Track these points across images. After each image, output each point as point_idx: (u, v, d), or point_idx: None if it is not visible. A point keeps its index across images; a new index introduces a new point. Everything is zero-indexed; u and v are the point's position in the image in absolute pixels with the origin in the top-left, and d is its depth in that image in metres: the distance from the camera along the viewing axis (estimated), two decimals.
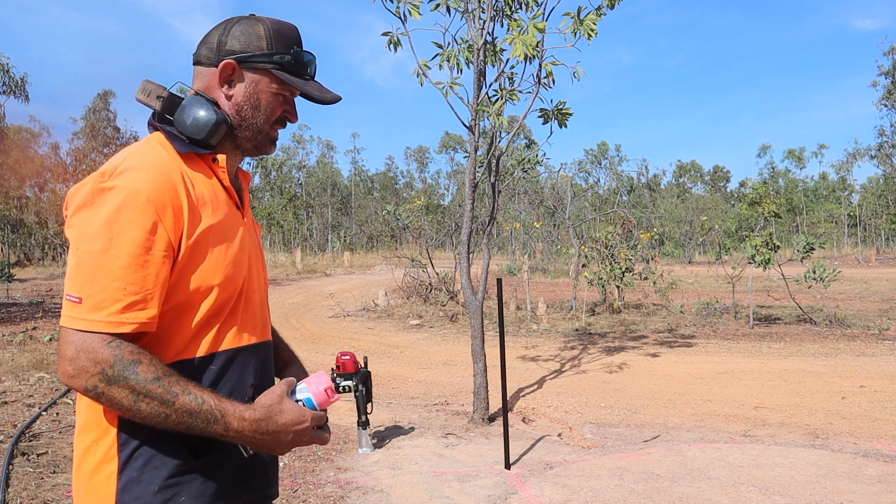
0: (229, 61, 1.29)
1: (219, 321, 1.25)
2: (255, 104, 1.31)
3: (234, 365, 1.27)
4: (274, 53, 1.30)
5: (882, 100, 44.90)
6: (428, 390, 7.17)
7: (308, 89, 1.33)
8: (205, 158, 1.30)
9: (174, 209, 1.16)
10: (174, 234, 1.16)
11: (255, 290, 1.35)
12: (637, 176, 62.98)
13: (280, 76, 1.30)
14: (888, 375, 7.29)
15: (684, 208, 44.88)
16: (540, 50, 5.26)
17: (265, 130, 1.33)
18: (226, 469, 1.25)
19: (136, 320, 1.13)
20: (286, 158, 59.84)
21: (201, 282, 1.21)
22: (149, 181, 1.15)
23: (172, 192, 1.17)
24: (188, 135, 1.26)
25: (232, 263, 1.26)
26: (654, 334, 11.10)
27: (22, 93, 23.77)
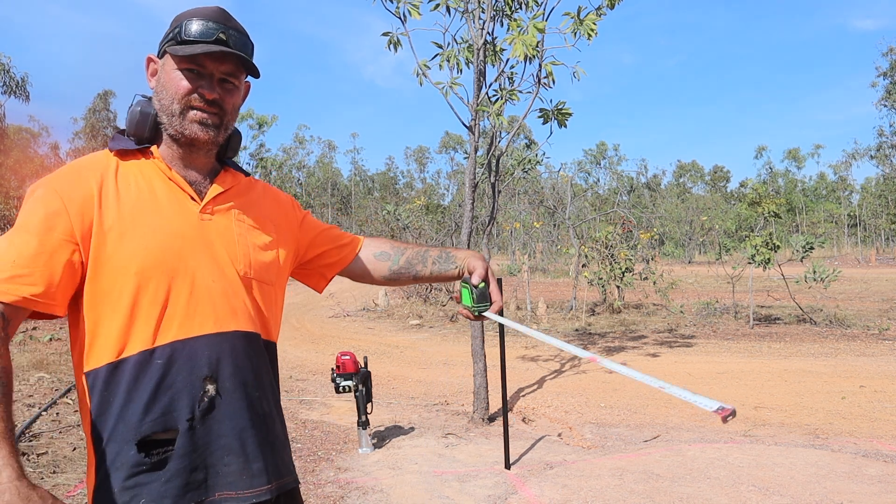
0: (148, 56, 1.37)
1: (153, 313, 1.22)
2: (163, 87, 1.32)
3: (182, 357, 1.23)
4: (169, 32, 1.32)
5: (881, 100, 44.91)
6: (428, 390, 7.17)
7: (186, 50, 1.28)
8: (144, 152, 1.33)
9: (83, 199, 1.22)
10: (81, 223, 1.20)
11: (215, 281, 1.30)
12: (637, 176, 62.97)
13: (172, 51, 1.30)
14: (888, 375, 7.29)
15: (684, 208, 44.88)
16: (540, 50, 5.26)
17: (175, 110, 1.30)
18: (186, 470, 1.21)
19: (17, 293, 1.13)
20: (286, 158, 59.88)
21: (117, 269, 1.21)
22: (61, 176, 1.25)
23: (83, 184, 1.24)
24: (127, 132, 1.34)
25: (156, 251, 1.24)
26: (654, 334, 11.10)
27: (22, 93, 23.80)
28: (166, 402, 1.21)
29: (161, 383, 1.21)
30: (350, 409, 6.06)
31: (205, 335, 1.27)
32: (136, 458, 1.18)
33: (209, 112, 1.31)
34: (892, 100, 44.24)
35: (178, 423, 1.22)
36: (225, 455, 1.26)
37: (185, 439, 1.22)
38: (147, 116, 1.33)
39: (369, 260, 1.65)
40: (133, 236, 1.23)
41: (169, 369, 1.22)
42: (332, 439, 5.19)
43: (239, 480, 1.27)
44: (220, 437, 1.26)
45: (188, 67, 1.30)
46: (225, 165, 1.44)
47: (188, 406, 1.23)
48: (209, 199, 1.35)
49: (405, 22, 5.54)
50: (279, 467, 1.35)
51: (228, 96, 1.34)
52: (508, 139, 5.87)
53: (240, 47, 1.33)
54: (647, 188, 62.64)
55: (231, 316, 1.31)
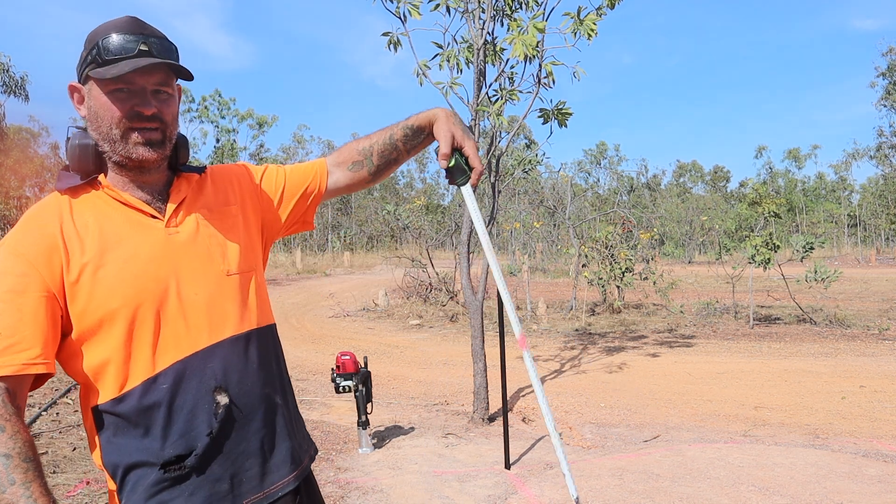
0: (70, 84, 1.29)
1: (145, 341, 1.21)
2: (95, 114, 1.25)
3: (188, 376, 1.23)
4: (86, 55, 1.24)
5: (881, 100, 44.91)
6: (428, 390, 7.17)
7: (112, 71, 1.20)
8: (92, 184, 1.27)
9: (47, 252, 1.18)
10: (51, 276, 1.17)
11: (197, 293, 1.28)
12: (637, 176, 62.98)
13: (94, 75, 1.22)
14: (888, 375, 7.29)
15: (684, 208, 44.87)
16: (540, 50, 5.26)
17: (115, 136, 1.24)
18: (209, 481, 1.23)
19: (13, 363, 1.12)
20: (286, 158, 59.84)
21: (101, 309, 1.18)
22: (17, 239, 1.19)
23: (44, 237, 1.19)
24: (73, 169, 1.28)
25: (133, 280, 1.21)
26: (654, 334, 11.10)
27: (22, 92, 23.78)
28: (182, 423, 1.21)
29: (172, 406, 1.21)
30: (350, 409, 6.06)
31: (203, 349, 1.26)
32: (157, 476, 1.19)
33: (151, 128, 1.25)
34: (891, 100, 44.23)
35: (198, 441, 1.22)
36: (246, 460, 1.27)
37: (205, 452, 1.22)
38: (87, 148, 1.26)
39: (346, 176, 1.58)
40: (107, 273, 1.20)
41: (177, 391, 1.22)
42: (332, 439, 5.19)
43: (263, 480, 1.29)
44: (240, 443, 1.27)
45: (117, 88, 1.23)
46: (178, 172, 1.38)
47: (206, 422, 1.23)
48: (171, 212, 1.31)
49: (405, 22, 5.54)
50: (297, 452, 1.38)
51: (165, 107, 1.28)
52: (508, 139, 5.87)
53: (164, 53, 1.27)
54: (647, 188, 62.64)
55: (223, 322, 1.30)
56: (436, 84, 5.49)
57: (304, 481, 1.40)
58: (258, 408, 1.31)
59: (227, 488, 1.24)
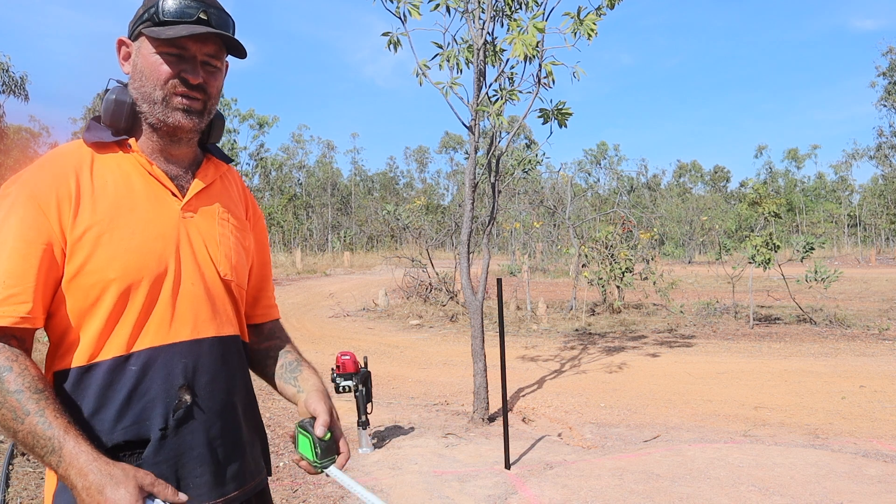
0: (119, 38, 1.26)
1: (131, 317, 1.17)
2: (141, 72, 1.22)
3: (158, 365, 1.18)
4: (143, 12, 1.22)
5: (881, 100, 44.91)
6: (428, 390, 7.17)
7: (168, 32, 1.18)
8: (121, 145, 1.24)
9: (59, 201, 1.14)
10: (59, 227, 1.13)
11: (195, 283, 1.25)
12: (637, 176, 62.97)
13: (149, 33, 1.20)
14: (888, 375, 7.29)
15: (684, 208, 44.88)
16: (540, 50, 5.26)
17: (157, 97, 1.21)
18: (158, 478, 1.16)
19: (15, 314, 1.09)
20: (286, 158, 59.85)
21: (96, 275, 1.15)
22: (34, 178, 1.16)
23: (60, 184, 1.15)
24: (103, 122, 1.24)
25: (138, 253, 1.17)
26: (654, 334, 11.10)
27: (22, 92, 23.79)
28: (139, 410, 1.17)
29: (135, 391, 1.16)
30: (350, 409, 6.06)
31: (182, 342, 1.22)
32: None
33: (193, 97, 1.23)
34: (891, 100, 44.24)
35: (150, 433, 1.17)
36: (197, 466, 1.22)
37: (155, 448, 1.17)
38: (123, 105, 1.22)
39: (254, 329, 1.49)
40: (112, 239, 1.16)
41: (143, 377, 1.17)
42: None
43: (212, 490, 1.23)
44: (193, 448, 1.21)
45: (168, 51, 1.20)
46: (207, 153, 1.36)
47: (162, 415, 1.18)
48: (192, 195, 1.28)
49: (405, 22, 5.54)
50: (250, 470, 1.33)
51: (212, 79, 1.25)
52: (508, 139, 5.87)
53: (222, 26, 1.24)
54: (647, 188, 62.63)
55: (210, 320, 1.27)
56: (436, 84, 5.49)
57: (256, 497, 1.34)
58: (220, 416, 1.26)
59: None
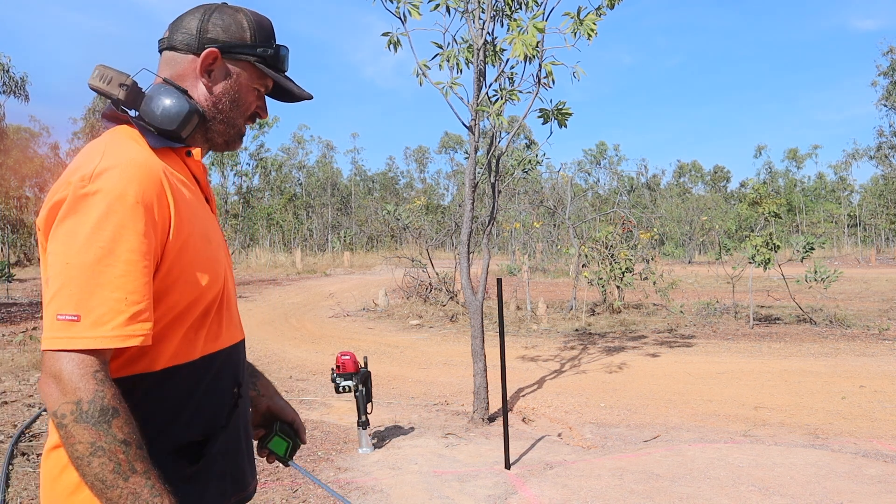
0: (213, 49, 1.22)
1: (208, 323, 1.20)
2: (234, 98, 1.26)
3: (224, 366, 1.24)
4: (258, 46, 1.26)
5: (881, 100, 44.90)
6: (428, 390, 7.17)
7: (290, 85, 1.32)
8: (178, 153, 1.23)
9: (161, 209, 1.09)
10: (161, 237, 1.09)
11: (231, 289, 1.30)
12: (637, 176, 62.98)
13: (262, 70, 1.27)
14: (888, 375, 7.29)
15: (684, 208, 44.87)
16: (540, 50, 5.26)
17: (238, 125, 1.29)
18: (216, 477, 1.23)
19: (143, 332, 1.04)
20: (286, 158, 59.83)
21: (189, 285, 1.14)
22: (134, 181, 1.06)
23: (159, 192, 1.10)
24: (157, 126, 1.18)
25: (215, 263, 1.21)
26: (654, 334, 11.10)
27: (22, 93, 23.76)
28: (208, 410, 1.20)
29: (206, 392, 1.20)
30: (350, 409, 6.06)
31: (234, 344, 1.29)
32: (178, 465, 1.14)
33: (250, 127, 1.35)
34: (892, 100, 44.23)
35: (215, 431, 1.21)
36: (241, 458, 1.29)
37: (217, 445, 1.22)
38: (194, 114, 1.20)
39: None
40: (198, 247, 1.17)
41: (216, 378, 1.22)
42: (332, 439, 5.19)
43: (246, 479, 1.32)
44: (239, 441, 1.29)
45: (259, 88, 1.30)
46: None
47: (224, 414, 1.24)
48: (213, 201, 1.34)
49: (405, 22, 5.54)
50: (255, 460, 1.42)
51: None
52: (508, 139, 5.87)
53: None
54: (647, 188, 62.63)
55: (239, 323, 1.35)
56: (436, 84, 5.49)
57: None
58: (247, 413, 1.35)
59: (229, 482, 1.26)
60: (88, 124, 40.99)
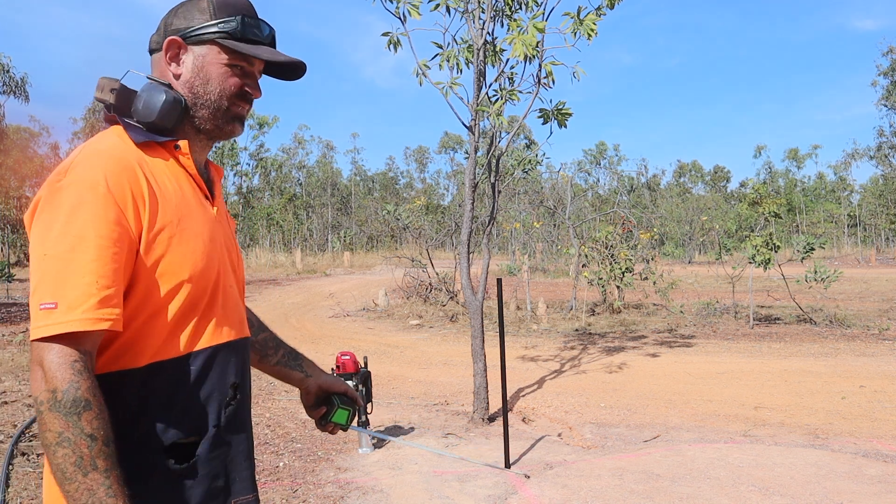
0: (172, 38, 1.25)
1: (194, 318, 1.19)
2: (206, 78, 1.24)
3: (216, 363, 1.22)
4: (219, 21, 1.24)
5: (881, 100, 44.91)
6: (428, 390, 7.17)
7: (258, 52, 1.25)
8: (166, 147, 1.24)
9: (134, 198, 1.11)
10: (135, 226, 1.11)
11: (232, 285, 1.30)
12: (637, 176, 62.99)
13: (227, 44, 1.24)
14: (888, 375, 7.29)
15: (684, 208, 44.89)
16: (540, 50, 5.26)
17: (223, 106, 1.26)
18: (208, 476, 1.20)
19: (112, 316, 1.06)
20: (286, 158, 59.84)
21: (168, 277, 1.15)
22: (105, 170, 1.10)
23: (132, 179, 1.12)
24: (142, 120, 1.21)
25: (202, 257, 1.20)
26: (654, 334, 11.10)
27: (22, 93, 23.75)
28: (197, 408, 1.19)
29: (194, 390, 1.19)
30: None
31: (231, 341, 1.26)
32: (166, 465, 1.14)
33: (247, 109, 1.30)
34: (892, 100, 44.23)
35: (206, 430, 1.20)
36: (243, 460, 1.27)
37: (209, 446, 1.20)
38: (178, 105, 1.22)
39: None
40: (181, 240, 1.17)
41: (205, 375, 1.20)
42: (332, 439, 5.19)
43: (251, 484, 1.29)
44: (240, 444, 1.27)
45: (240, 64, 1.26)
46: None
47: (216, 413, 1.21)
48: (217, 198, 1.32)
49: (405, 22, 5.54)
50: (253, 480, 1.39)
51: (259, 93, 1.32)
52: (508, 139, 5.87)
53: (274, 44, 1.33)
54: (647, 188, 62.63)
55: (242, 322, 1.33)
56: (436, 84, 5.49)
57: None
58: (249, 415, 1.33)
59: (222, 485, 1.22)
60: (88, 124, 41.00)
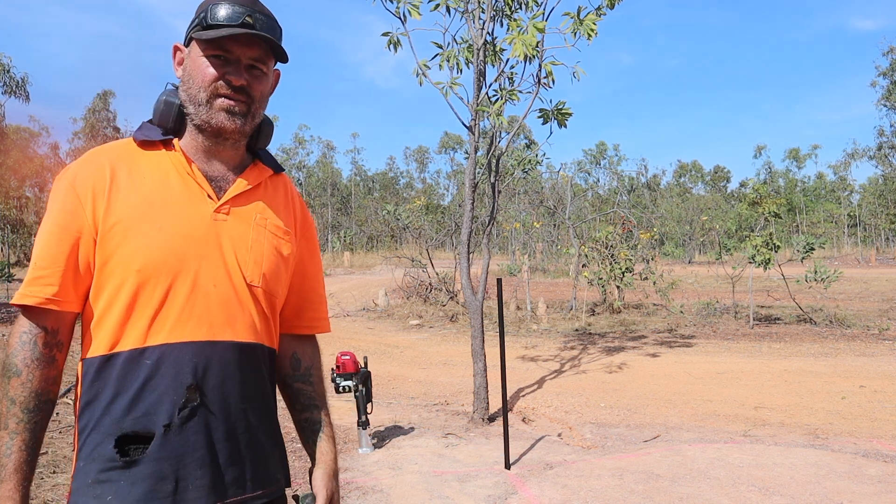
0: (174, 45, 1.33)
1: (147, 312, 1.19)
2: (190, 75, 1.28)
3: (169, 361, 1.19)
4: (195, 17, 1.29)
5: (881, 100, 44.90)
6: (428, 390, 7.17)
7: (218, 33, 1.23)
8: (165, 144, 1.30)
9: (94, 192, 1.21)
10: (92, 216, 1.21)
11: (217, 286, 1.25)
12: (637, 176, 63.00)
13: (198, 36, 1.25)
14: (888, 375, 7.29)
15: (684, 208, 44.89)
16: (540, 50, 5.26)
17: (202, 99, 1.26)
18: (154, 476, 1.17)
19: (39, 294, 1.18)
20: (286, 158, 59.85)
21: (121, 267, 1.20)
22: (76, 167, 1.25)
23: (97, 175, 1.23)
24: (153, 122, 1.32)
25: (158, 250, 1.20)
26: (654, 334, 11.10)
27: (22, 93, 23.77)
28: (148, 404, 1.18)
29: (147, 384, 1.18)
30: (350, 409, 6.06)
31: (195, 342, 1.21)
32: (111, 454, 1.16)
33: (236, 100, 1.26)
34: (892, 100, 44.23)
35: (155, 427, 1.17)
36: (198, 468, 1.20)
37: (158, 445, 1.17)
38: (171, 106, 1.29)
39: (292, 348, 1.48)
40: (138, 232, 1.20)
41: (156, 371, 1.19)
42: None
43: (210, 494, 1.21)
44: (196, 450, 1.20)
45: (215, 53, 1.26)
46: (255, 158, 1.38)
47: (167, 412, 1.18)
48: (228, 197, 1.29)
49: (405, 22, 5.54)
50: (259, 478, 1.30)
51: (256, 83, 1.28)
52: (508, 139, 5.87)
53: (267, 31, 1.28)
54: (647, 188, 62.63)
55: (227, 324, 1.25)
56: (436, 84, 5.49)
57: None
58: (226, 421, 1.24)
59: (170, 489, 1.18)
60: (88, 124, 41.01)
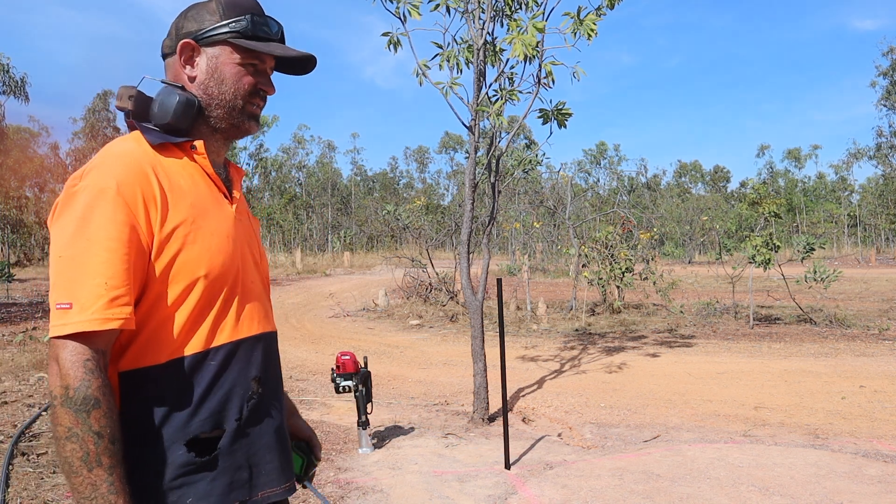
0: (186, 41, 1.28)
1: (213, 314, 1.22)
2: (220, 78, 1.28)
3: (236, 358, 1.25)
4: (229, 21, 1.27)
5: (881, 100, 44.91)
6: (428, 390, 7.17)
7: (270, 49, 1.28)
8: (182, 147, 1.27)
9: (145, 200, 1.15)
10: (147, 227, 1.14)
11: (254, 282, 1.33)
12: (637, 176, 62.99)
13: (239, 44, 1.27)
14: (888, 375, 7.29)
15: (684, 208, 44.89)
16: (540, 50, 5.26)
17: (238, 105, 1.29)
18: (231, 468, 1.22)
19: (122, 315, 1.10)
20: (286, 158, 59.84)
21: (185, 274, 1.18)
22: (116, 174, 1.14)
23: (143, 183, 1.15)
24: (158, 123, 1.25)
25: (219, 253, 1.22)
26: (654, 334, 11.10)
27: (22, 93, 23.77)
28: (216, 402, 1.21)
29: (214, 384, 1.21)
30: (350, 409, 6.06)
31: (253, 336, 1.29)
32: (186, 458, 1.16)
33: (261, 107, 1.33)
34: (892, 100, 44.23)
35: (226, 423, 1.22)
36: (267, 453, 1.29)
37: (230, 439, 1.22)
38: (192, 106, 1.25)
39: None
40: (196, 238, 1.20)
41: (223, 370, 1.22)
42: (332, 439, 5.19)
43: (280, 476, 1.31)
44: (263, 436, 1.29)
45: (252, 62, 1.29)
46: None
47: (237, 406, 1.24)
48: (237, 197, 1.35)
49: (405, 22, 5.54)
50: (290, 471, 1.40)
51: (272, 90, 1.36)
52: (508, 139, 5.87)
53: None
54: (647, 188, 62.61)
55: (266, 317, 1.36)
56: (436, 84, 5.49)
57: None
58: (276, 406, 1.34)
59: (246, 477, 1.24)
60: (88, 124, 41.01)
